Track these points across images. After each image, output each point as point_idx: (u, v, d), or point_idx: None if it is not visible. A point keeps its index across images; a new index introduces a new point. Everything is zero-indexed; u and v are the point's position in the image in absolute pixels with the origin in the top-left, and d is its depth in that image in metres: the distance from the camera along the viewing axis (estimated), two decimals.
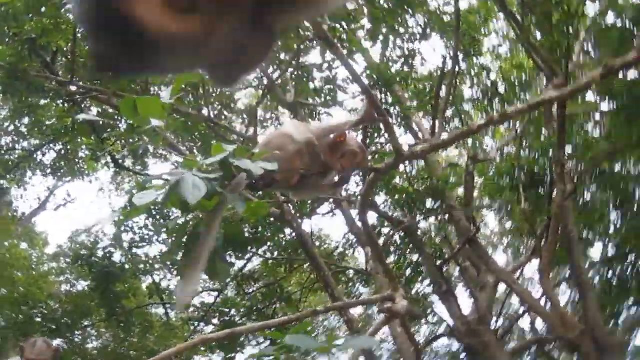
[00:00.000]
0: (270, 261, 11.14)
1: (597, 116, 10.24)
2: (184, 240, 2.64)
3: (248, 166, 2.41)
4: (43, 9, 7.76)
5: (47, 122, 10.60)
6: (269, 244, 10.58)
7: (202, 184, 2.24)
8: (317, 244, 11.66)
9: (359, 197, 4.43)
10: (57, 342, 14.17)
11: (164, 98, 2.43)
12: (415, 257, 10.39)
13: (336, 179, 3.30)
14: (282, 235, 10.42)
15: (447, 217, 9.66)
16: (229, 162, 2.40)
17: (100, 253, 9.92)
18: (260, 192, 4.62)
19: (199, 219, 2.71)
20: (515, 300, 11.02)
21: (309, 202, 9.08)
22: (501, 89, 11.09)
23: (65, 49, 8.81)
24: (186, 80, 2.92)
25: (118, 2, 0.66)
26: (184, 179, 2.25)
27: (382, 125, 6.12)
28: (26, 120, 11.02)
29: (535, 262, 9.51)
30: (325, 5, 0.88)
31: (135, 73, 1.35)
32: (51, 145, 11.43)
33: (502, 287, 9.82)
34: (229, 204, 2.50)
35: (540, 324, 10.49)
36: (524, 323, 11.69)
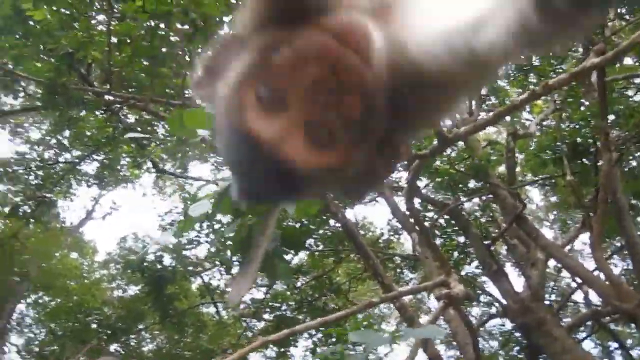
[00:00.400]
0: (317, 253, 11.17)
1: (638, 80, 9.98)
2: (239, 242, 2.66)
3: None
4: (76, 24, 7.89)
5: (88, 133, 10.81)
6: (314, 235, 10.62)
7: None
8: (362, 232, 11.67)
9: (406, 185, 4.38)
10: (113, 347, 14.51)
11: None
12: (461, 239, 10.31)
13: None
14: (327, 227, 10.44)
15: (491, 196, 9.56)
16: None
17: (150, 257, 10.08)
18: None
19: (252, 222, 2.73)
20: (567, 274, 10.87)
21: None
22: (536, 61, 10.89)
23: (100, 60, 8.96)
24: None
25: (269, 147, 0.75)
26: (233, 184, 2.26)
27: None
28: (67, 132, 11.26)
29: (585, 235, 9.38)
30: (437, 121, 0.98)
31: (277, 200, 1.50)
32: (93, 156, 11.64)
33: (552, 262, 9.69)
34: (280, 206, 2.51)
35: (594, 296, 10.32)
36: (578, 297, 11.54)
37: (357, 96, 0.75)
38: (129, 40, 7.71)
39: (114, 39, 7.72)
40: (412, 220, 6.69)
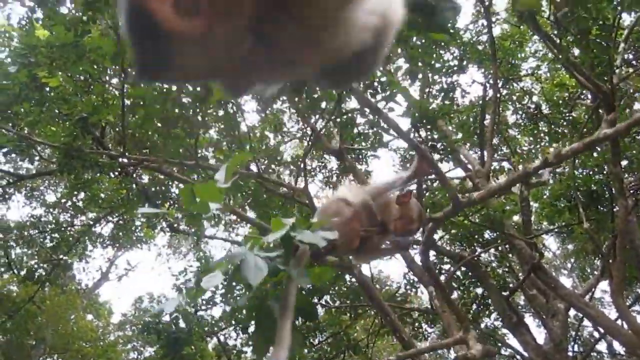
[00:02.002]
0: (334, 309, 11.05)
1: None
2: (253, 309, 2.66)
3: (309, 238, 2.44)
4: (90, 88, 8.07)
5: (102, 195, 10.92)
6: (330, 291, 10.52)
7: (264, 264, 2.29)
8: (378, 286, 11.55)
9: (420, 246, 4.40)
10: None
11: (220, 182, 2.49)
12: (479, 291, 10.18)
13: (396, 237, 3.28)
14: (342, 282, 10.36)
15: (507, 246, 9.47)
16: (290, 236, 2.43)
17: (166, 318, 10.01)
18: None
19: (267, 292, 2.72)
20: (589, 323, 10.66)
21: None
22: (545, 110, 10.96)
23: (113, 122, 9.12)
24: (240, 161, 2.99)
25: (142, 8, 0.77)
26: (246, 260, 2.30)
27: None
28: (82, 194, 11.37)
29: (605, 282, 9.22)
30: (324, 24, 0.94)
31: (167, 79, 1.47)
32: (108, 217, 11.72)
33: (573, 311, 9.51)
34: (295, 282, 2.52)
35: (618, 346, 10.08)
36: (602, 347, 11.28)
37: None
38: (142, 102, 7.86)
39: (127, 102, 7.89)
40: (428, 277, 6.64)
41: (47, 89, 7.63)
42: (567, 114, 10.38)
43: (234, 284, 2.48)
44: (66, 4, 8.48)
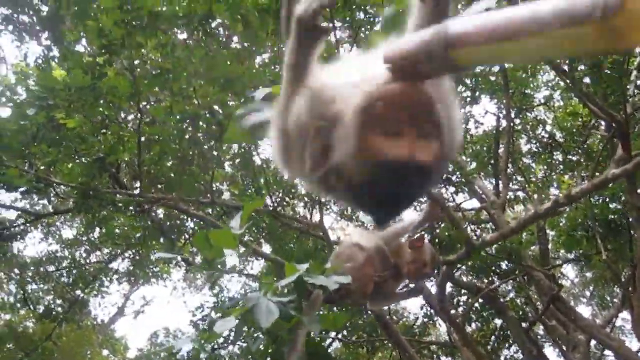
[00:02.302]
0: (351, 344, 10.96)
1: None
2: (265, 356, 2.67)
3: (323, 282, 2.46)
4: (108, 128, 8.16)
5: (118, 231, 10.97)
6: (347, 325, 10.44)
7: (275, 308, 2.33)
8: (395, 318, 11.46)
9: (436, 288, 4.41)
10: None
11: (234, 228, 2.52)
12: (498, 322, 10.06)
13: (408, 282, 3.29)
14: (359, 316, 10.28)
15: (525, 277, 9.38)
16: (303, 280, 2.45)
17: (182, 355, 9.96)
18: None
19: (282, 338, 2.73)
20: (610, 352, 10.48)
21: None
22: (560, 138, 10.94)
23: (129, 160, 9.21)
24: (254, 208, 3.05)
25: (401, 159, 1.15)
26: (258, 304, 2.33)
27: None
28: (97, 231, 11.43)
29: (626, 312, 9.10)
30: None
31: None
32: (124, 254, 11.76)
33: (594, 341, 9.38)
34: (306, 327, 2.53)
35: None
36: None
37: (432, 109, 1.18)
38: (157, 138, 7.95)
39: (142, 138, 7.99)
40: (444, 317, 6.62)
41: (65, 128, 7.74)
42: (582, 143, 10.35)
43: (245, 328, 2.50)
44: (81, 43, 8.68)
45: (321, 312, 2.96)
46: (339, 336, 10.61)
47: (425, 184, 1.22)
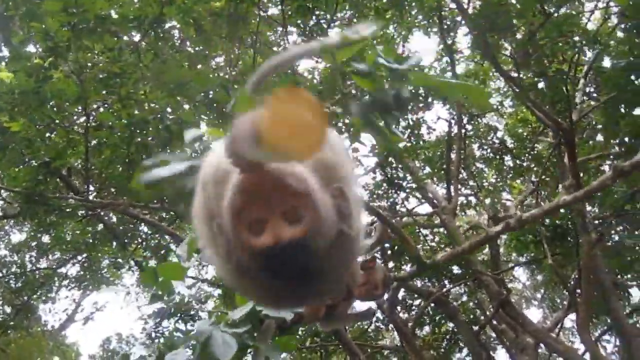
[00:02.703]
0: (305, 349, 10.93)
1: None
2: None
3: (275, 312, 2.44)
4: (54, 132, 7.99)
5: (68, 236, 10.74)
6: (301, 330, 10.41)
7: (233, 340, 2.28)
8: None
9: (386, 303, 4.45)
10: None
11: (182, 257, 2.48)
12: (450, 326, 10.17)
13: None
14: None
15: (475, 281, 9.51)
16: (256, 311, 2.43)
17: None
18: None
19: None
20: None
21: None
22: (510, 144, 11.14)
23: (77, 164, 9.04)
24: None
25: (272, 246, 1.15)
26: (213, 337, 2.28)
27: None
28: (46, 237, 11.17)
29: (574, 315, 9.28)
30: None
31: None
32: (74, 259, 11.52)
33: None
34: (263, 355, 2.51)
35: None
36: None
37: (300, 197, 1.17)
38: (105, 140, 7.80)
39: (93, 142, 7.84)
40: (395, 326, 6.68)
41: (9, 132, 7.54)
42: (531, 149, 10.56)
43: None
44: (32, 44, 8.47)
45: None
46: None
47: (310, 256, 1.18)
